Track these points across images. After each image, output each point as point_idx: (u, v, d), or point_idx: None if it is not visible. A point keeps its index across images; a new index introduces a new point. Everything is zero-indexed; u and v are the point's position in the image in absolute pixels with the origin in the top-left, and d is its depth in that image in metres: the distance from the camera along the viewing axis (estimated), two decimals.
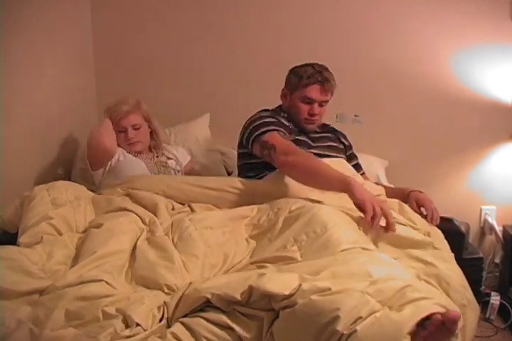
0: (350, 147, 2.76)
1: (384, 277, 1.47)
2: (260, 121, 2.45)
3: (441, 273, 1.78)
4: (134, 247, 1.92)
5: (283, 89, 2.64)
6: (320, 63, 2.54)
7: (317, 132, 2.66)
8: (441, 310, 1.29)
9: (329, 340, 1.30)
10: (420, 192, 2.41)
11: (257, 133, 2.40)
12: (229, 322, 1.46)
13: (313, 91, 2.50)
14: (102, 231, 1.95)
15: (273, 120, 2.47)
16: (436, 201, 3.14)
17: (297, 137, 2.52)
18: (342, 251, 1.67)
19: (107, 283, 1.62)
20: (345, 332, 1.28)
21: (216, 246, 1.93)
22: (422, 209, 2.34)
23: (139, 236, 1.97)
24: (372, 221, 1.87)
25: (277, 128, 2.41)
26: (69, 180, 2.98)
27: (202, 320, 1.46)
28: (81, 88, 3.25)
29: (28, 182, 2.66)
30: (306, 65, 2.54)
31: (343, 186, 1.99)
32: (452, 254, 2.09)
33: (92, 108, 3.38)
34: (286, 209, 2.01)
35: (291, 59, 2.61)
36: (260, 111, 2.57)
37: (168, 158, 2.84)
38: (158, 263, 1.77)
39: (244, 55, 3.25)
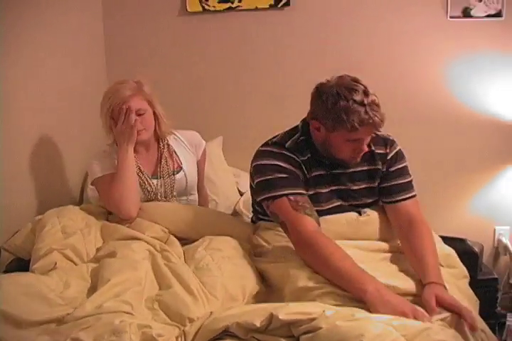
0: (390, 165, 2.21)
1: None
2: (268, 177, 2.06)
3: None
4: (152, 271, 1.93)
5: (313, 121, 2.08)
6: (354, 82, 1.99)
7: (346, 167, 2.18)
8: None
9: None
10: (442, 286, 1.77)
11: (263, 197, 2.06)
12: None
13: (363, 133, 1.98)
14: (116, 260, 1.95)
15: (284, 175, 2.05)
16: (448, 222, 3.18)
17: (311, 192, 2.12)
18: None
19: (125, 312, 1.63)
20: None
21: (233, 277, 1.93)
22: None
23: (156, 262, 1.98)
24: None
25: (288, 192, 2.00)
26: (81, 198, 3.02)
27: None
28: (95, 125, 3.24)
29: (39, 202, 2.63)
30: (343, 97, 1.94)
31: (359, 297, 1.69)
32: (467, 280, 2.07)
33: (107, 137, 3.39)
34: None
35: (304, 84, 2.28)
36: (270, 149, 2.15)
37: (177, 171, 2.53)
38: (181, 295, 1.77)
39: (258, 80, 3.28)
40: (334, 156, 2.11)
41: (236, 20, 3.23)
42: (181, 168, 2.56)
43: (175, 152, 2.58)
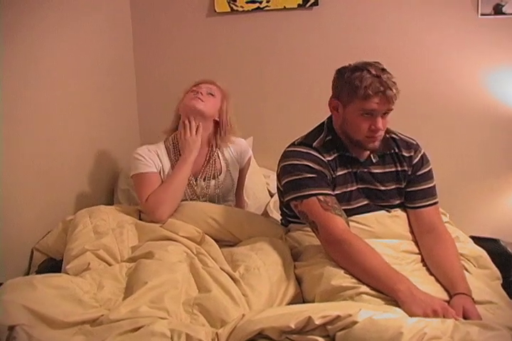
0: (416, 170, 2.20)
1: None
2: (297, 177, 2.05)
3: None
4: (191, 273, 1.93)
5: (332, 99, 2.14)
6: (374, 62, 2.06)
7: (373, 163, 2.18)
8: None
9: None
10: (470, 298, 1.75)
11: (292, 197, 2.06)
12: None
13: (376, 102, 1.98)
14: (152, 262, 1.95)
15: (312, 175, 2.04)
16: (481, 221, 3.14)
17: (338, 191, 2.12)
18: None
19: (161, 318, 1.63)
20: None
21: (280, 283, 1.93)
22: None
23: (193, 265, 1.98)
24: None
25: (317, 191, 2.01)
26: (112, 199, 3.05)
27: None
28: (124, 125, 3.31)
29: (70, 203, 2.68)
30: (359, 68, 2.03)
31: (391, 296, 1.70)
32: (500, 281, 2.04)
33: (136, 138, 3.45)
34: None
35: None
36: (297, 149, 2.14)
37: (213, 177, 2.56)
38: (222, 299, 1.76)
39: (287, 80, 3.29)
40: (352, 139, 2.10)
41: (264, 20, 3.24)
42: (221, 173, 2.60)
43: (219, 157, 2.61)
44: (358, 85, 1.99)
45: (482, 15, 3.00)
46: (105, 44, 3.08)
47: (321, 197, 2.00)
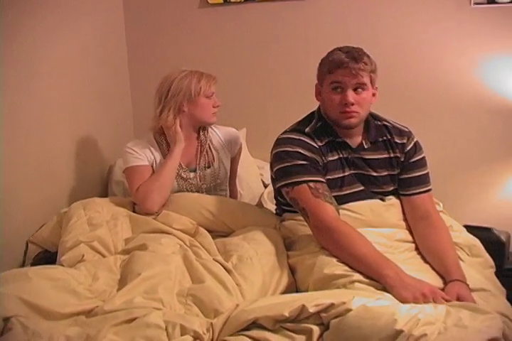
0: (409, 157, 2.20)
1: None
2: (288, 163, 2.06)
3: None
4: (184, 265, 1.94)
5: (315, 85, 2.20)
6: (353, 45, 2.10)
7: (364, 149, 2.18)
8: None
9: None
10: (465, 284, 1.76)
11: (283, 183, 2.07)
12: (273, 340, 1.47)
13: (341, 74, 2.02)
14: (146, 254, 1.96)
15: (304, 162, 2.05)
16: (474, 210, 3.14)
17: (329, 177, 2.11)
18: None
19: (155, 308, 1.63)
20: (405, 330, 1.34)
21: (273, 272, 1.93)
22: None
23: (186, 256, 1.99)
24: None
25: (308, 178, 2.01)
26: (106, 192, 3.05)
27: (246, 338, 1.48)
28: (118, 117, 3.31)
29: (65, 195, 2.68)
30: (335, 49, 2.11)
31: (380, 282, 1.71)
32: (493, 269, 2.06)
33: (129, 127, 3.45)
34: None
35: None
36: (289, 136, 2.15)
37: (207, 167, 2.56)
38: (215, 289, 1.76)
39: (281, 71, 3.27)
40: (331, 118, 2.13)
41: (257, 11, 3.22)
42: (213, 163, 2.59)
43: (210, 147, 2.61)
44: (325, 60, 2.11)
45: (475, 4, 2.98)
46: (99, 39, 3.07)
47: (311, 184, 2.01)
